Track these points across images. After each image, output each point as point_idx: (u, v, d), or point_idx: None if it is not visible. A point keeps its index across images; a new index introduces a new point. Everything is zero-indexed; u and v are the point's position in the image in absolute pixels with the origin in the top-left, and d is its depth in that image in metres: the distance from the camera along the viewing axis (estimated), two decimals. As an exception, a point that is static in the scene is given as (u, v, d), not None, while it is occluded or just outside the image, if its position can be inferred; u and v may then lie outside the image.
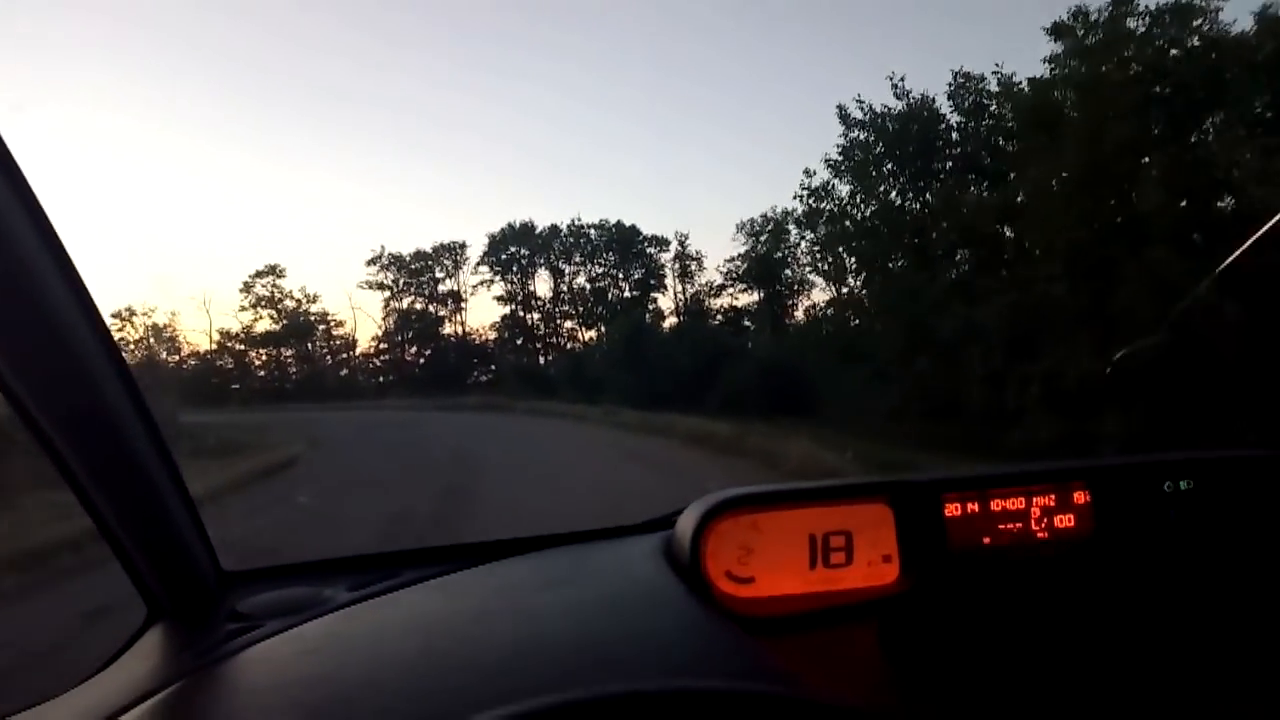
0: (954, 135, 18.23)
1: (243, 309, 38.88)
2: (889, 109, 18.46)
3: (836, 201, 20.23)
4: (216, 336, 38.29)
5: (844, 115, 18.96)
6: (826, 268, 22.76)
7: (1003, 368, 12.75)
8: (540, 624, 0.60)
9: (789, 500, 1.01)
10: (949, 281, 15.48)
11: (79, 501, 0.88)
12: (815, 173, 20.46)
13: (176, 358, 37.14)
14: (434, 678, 0.64)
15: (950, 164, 18.04)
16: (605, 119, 49.71)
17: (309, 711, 0.67)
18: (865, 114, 18.71)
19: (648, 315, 33.55)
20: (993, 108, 17.34)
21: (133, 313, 36.51)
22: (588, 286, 39.78)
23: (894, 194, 18.79)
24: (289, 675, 0.77)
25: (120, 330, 36.56)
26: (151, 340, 37.58)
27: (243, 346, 38.78)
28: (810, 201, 20.86)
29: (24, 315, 0.72)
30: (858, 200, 19.49)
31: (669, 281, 39.09)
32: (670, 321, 34.47)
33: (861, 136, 18.98)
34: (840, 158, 19.59)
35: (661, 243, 39.17)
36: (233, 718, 0.72)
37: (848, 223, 19.83)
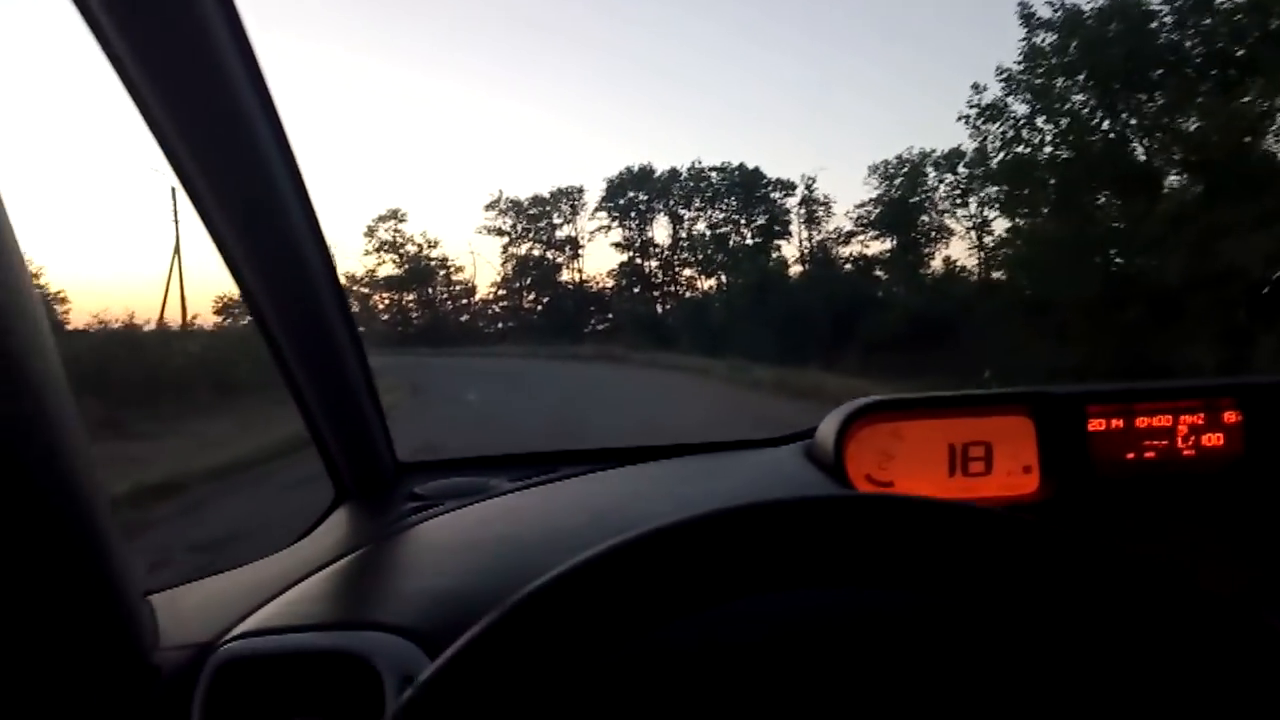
0: (1169, 38, 14.83)
1: (366, 253, 39.12)
2: (1083, 6, 15.25)
3: (1012, 123, 17.09)
4: (343, 280, 38.32)
5: (1027, 15, 15.78)
6: (993, 201, 19.60)
7: (1250, 322, 9.85)
8: (697, 506, 0.53)
9: (928, 408, 1.02)
10: (1170, 214, 12.39)
11: (291, 394, 1.02)
12: (985, 88, 17.37)
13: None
14: (598, 540, 0.62)
15: (1163, 73, 14.70)
16: (729, 54, 46.70)
17: (490, 567, 0.78)
18: (1056, 10, 15.52)
19: (771, 263, 31.10)
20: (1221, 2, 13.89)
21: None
22: (708, 233, 37.62)
23: (1090, 110, 15.59)
24: (468, 539, 0.89)
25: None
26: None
27: (366, 290, 38.86)
28: (978, 123, 17.72)
29: (270, 237, 0.85)
30: (1041, 121, 16.33)
31: (794, 228, 36.36)
32: (795, 270, 31.86)
33: (1049, 40, 15.79)
34: (1020, 68, 16.40)
35: (787, 187, 36.34)
36: (419, 572, 0.82)
37: (1026, 147, 16.71)
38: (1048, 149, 16.26)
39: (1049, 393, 1.00)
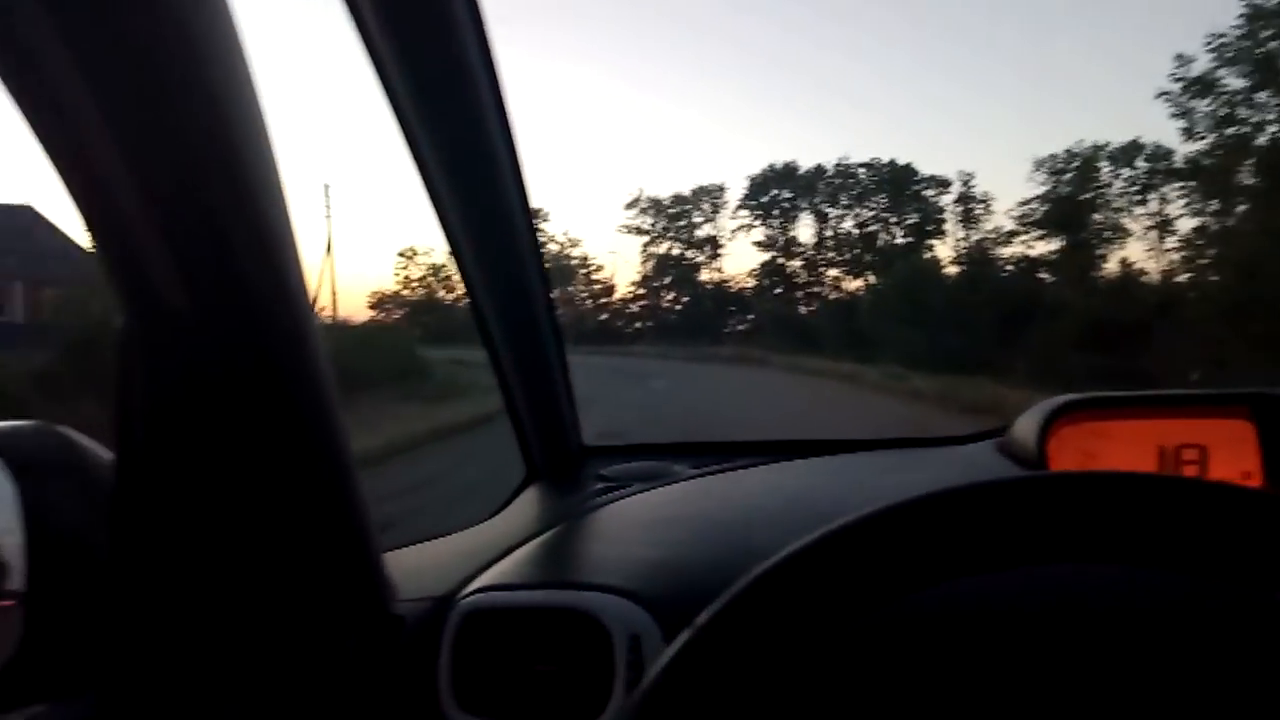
0: None
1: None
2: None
3: (1225, 98, 14.81)
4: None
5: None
6: (1184, 193, 17.16)
7: None
8: (894, 496, 0.53)
9: (1136, 407, 0.98)
10: None
11: (497, 377, 1.10)
12: (1193, 59, 15.17)
13: (451, 296, 38.71)
14: (801, 521, 0.63)
15: None
16: (879, 43, 44.44)
17: (701, 542, 0.80)
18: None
19: (924, 263, 29.04)
20: None
21: (415, 252, 38.17)
22: (855, 231, 35.91)
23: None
24: (666, 517, 0.92)
25: (405, 268, 38.82)
26: (431, 279, 39.50)
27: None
28: (1183, 100, 15.49)
29: (494, 233, 0.94)
30: (1267, 94, 14.01)
31: (948, 226, 33.98)
32: (950, 271, 29.54)
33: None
34: (1240, 32, 14.17)
35: (941, 184, 34.09)
36: (628, 544, 0.83)
37: (1242, 126, 14.41)
38: (1271, 128, 13.95)
39: (1273, 394, 0.95)
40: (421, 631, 0.70)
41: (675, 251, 38.58)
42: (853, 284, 34.56)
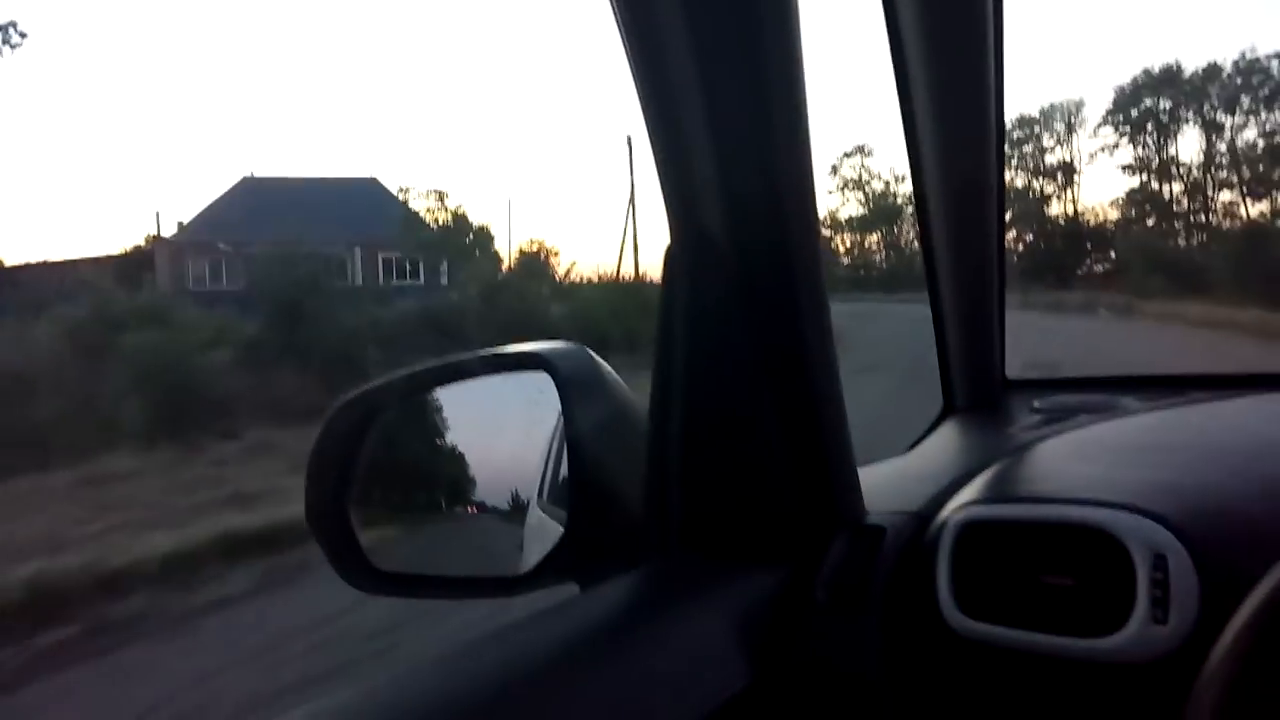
0: None
1: (829, 192, 37.99)
2: None
3: None
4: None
5: None
6: None
7: None
8: None
9: None
10: None
11: (930, 302, 1.11)
12: None
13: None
14: None
15: None
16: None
17: (1215, 467, 0.76)
18: None
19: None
20: None
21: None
22: (1259, 143, 28.83)
23: None
24: (1152, 443, 0.90)
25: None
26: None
27: (829, 232, 37.68)
28: None
29: (960, 143, 0.98)
30: None
31: None
32: None
33: None
34: None
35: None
36: (1117, 466, 0.80)
37: None
38: None
39: None
40: (904, 542, 0.71)
41: (1020, 183, 34.00)
42: (1253, 208, 27.90)
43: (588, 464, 0.65)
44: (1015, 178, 33.75)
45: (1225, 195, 29.90)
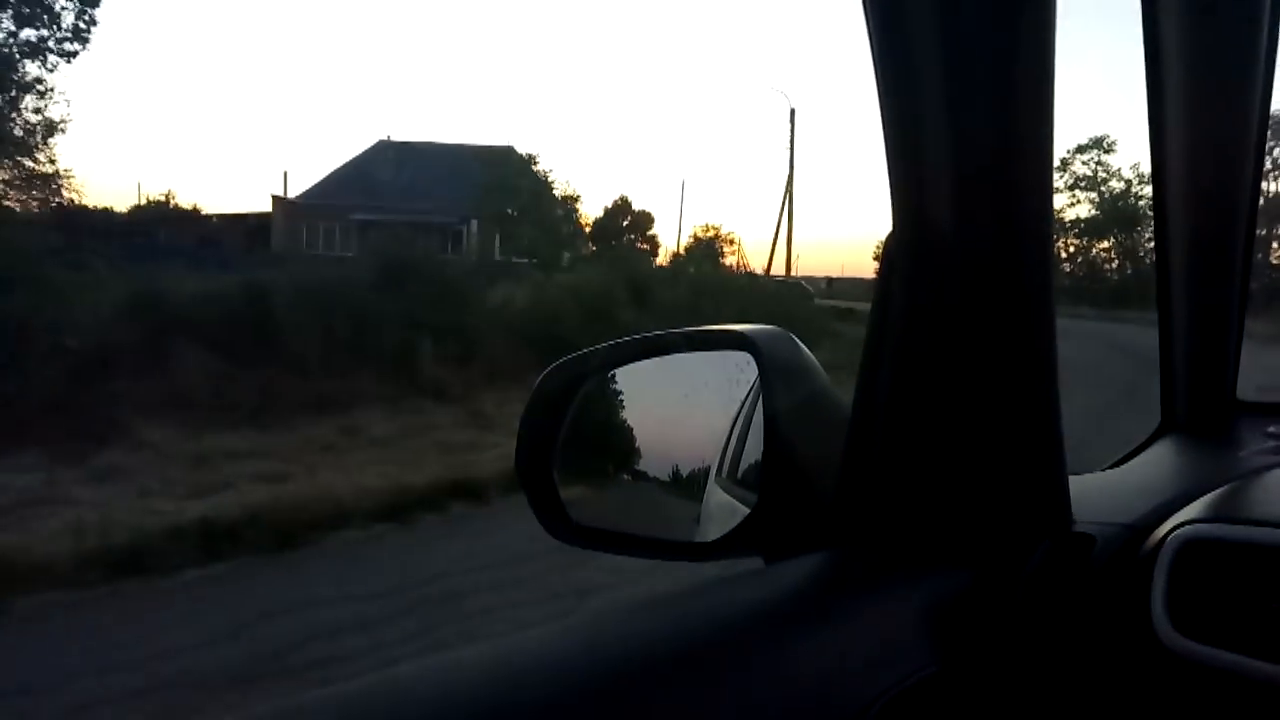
0: None
1: (1056, 190, 34.75)
2: None
3: None
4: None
5: None
6: None
7: None
8: None
9: None
10: None
11: (1159, 309, 1.06)
12: None
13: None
14: None
15: None
16: None
17: None
18: None
19: None
20: None
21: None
22: None
23: None
24: None
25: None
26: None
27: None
28: None
29: (1213, 145, 0.94)
30: None
31: None
32: None
33: None
34: None
35: None
36: None
37: None
38: None
39: None
40: (1114, 553, 0.70)
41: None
42: None
43: (784, 443, 0.67)
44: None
45: None
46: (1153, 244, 1.05)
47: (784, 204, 28.23)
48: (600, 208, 52.71)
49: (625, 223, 50.97)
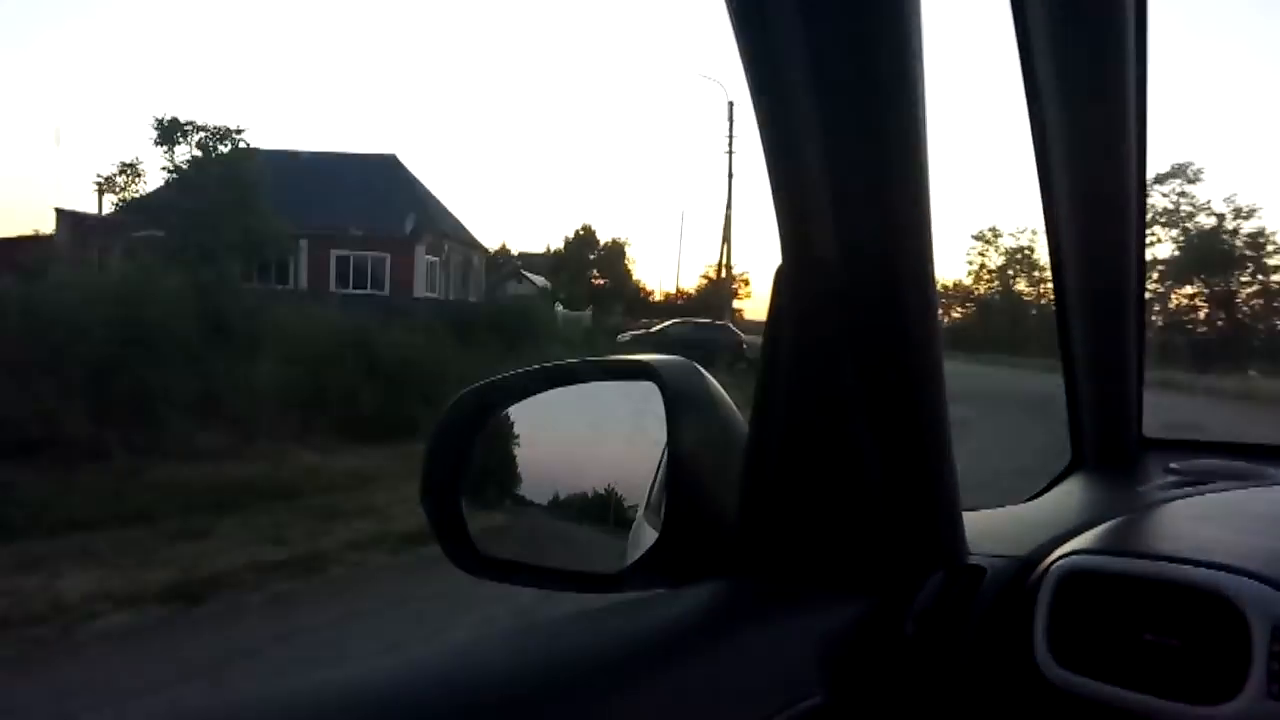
0: None
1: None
2: None
3: None
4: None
5: None
6: None
7: None
8: None
9: None
10: None
11: (1061, 351, 1.11)
12: None
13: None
14: None
15: None
16: None
17: None
18: None
19: None
20: None
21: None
22: None
23: None
24: (1277, 514, 0.88)
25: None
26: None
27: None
28: None
29: (1099, 192, 0.98)
30: None
31: None
32: None
33: None
34: None
35: None
36: (1228, 535, 0.76)
37: None
38: None
39: None
40: (1003, 585, 0.71)
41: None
42: None
43: (687, 472, 0.67)
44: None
45: None
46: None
47: (723, 247, 27.60)
48: (561, 239, 50.11)
49: (592, 256, 48.66)
